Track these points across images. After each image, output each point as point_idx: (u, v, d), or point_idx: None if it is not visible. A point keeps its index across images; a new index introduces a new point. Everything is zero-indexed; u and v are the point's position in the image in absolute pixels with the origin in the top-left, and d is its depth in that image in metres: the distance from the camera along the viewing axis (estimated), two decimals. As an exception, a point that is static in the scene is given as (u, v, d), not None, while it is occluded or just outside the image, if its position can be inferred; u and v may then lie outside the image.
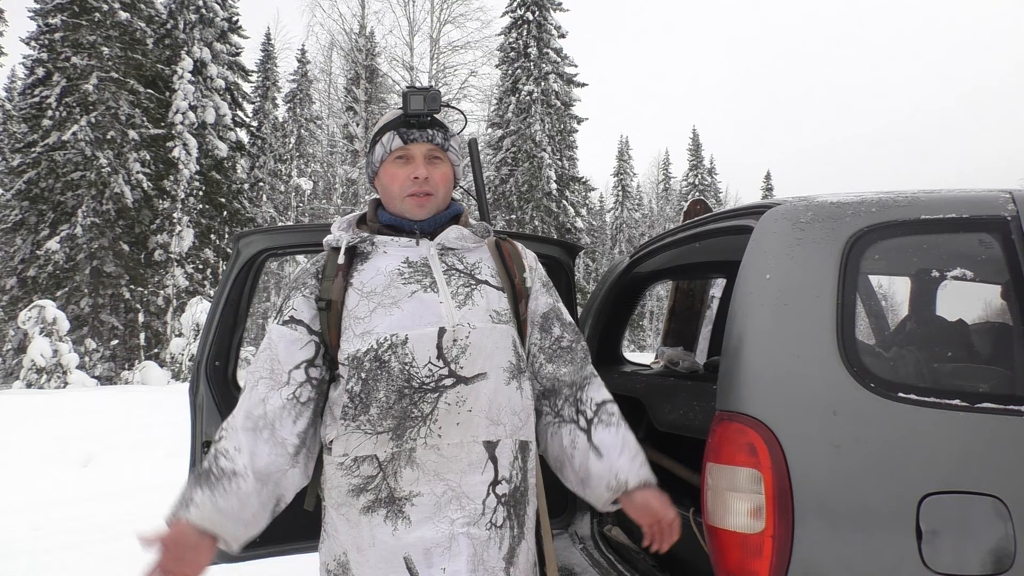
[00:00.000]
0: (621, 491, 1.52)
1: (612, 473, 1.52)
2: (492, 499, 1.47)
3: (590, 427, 1.56)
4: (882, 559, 1.34)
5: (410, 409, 1.43)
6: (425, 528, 1.41)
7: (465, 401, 1.45)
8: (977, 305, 2.04)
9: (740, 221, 1.79)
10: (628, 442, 1.56)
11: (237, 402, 1.51)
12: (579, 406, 1.59)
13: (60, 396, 11.10)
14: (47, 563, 4.27)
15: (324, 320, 1.51)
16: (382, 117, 1.65)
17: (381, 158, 1.60)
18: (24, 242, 20.36)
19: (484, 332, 1.49)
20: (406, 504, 1.42)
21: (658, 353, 3.75)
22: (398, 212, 1.59)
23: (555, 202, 28.40)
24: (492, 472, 1.47)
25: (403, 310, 1.47)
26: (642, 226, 51.00)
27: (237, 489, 1.40)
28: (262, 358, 1.51)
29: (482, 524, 1.45)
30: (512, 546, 1.49)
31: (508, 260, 1.66)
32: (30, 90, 21.07)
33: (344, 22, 27.11)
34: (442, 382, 1.44)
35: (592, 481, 1.54)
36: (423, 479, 1.43)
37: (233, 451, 1.43)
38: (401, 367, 1.43)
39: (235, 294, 2.33)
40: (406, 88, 1.58)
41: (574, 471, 1.57)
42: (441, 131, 1.62)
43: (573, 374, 1.63)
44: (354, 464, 1.45)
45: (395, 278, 1.50)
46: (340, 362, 1.49)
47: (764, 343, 1.47)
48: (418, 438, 1.43)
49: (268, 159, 30.04)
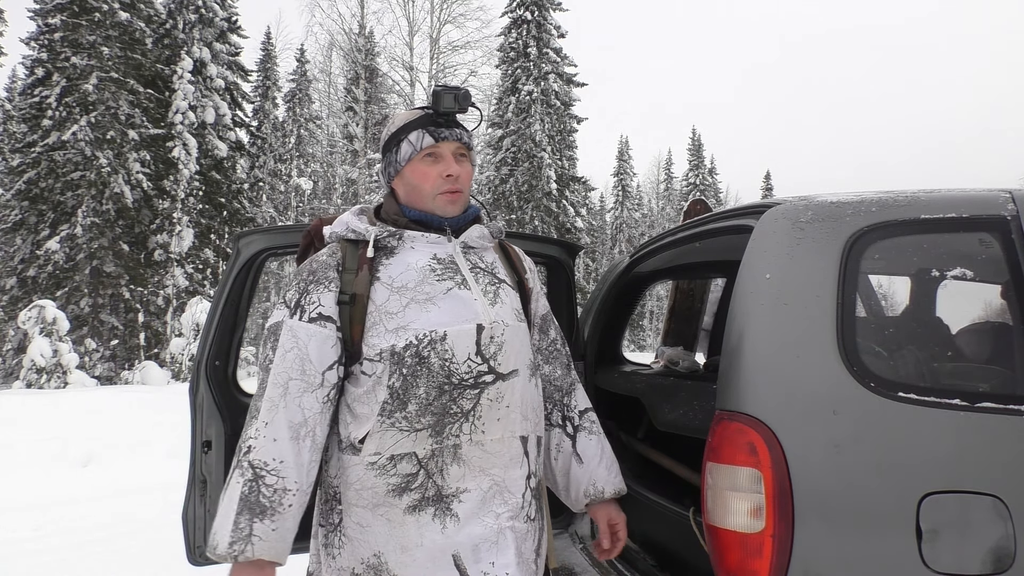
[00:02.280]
0: (599, 499, 1.67)
1: (590, 481, 1.66)
2: (528, 493, 1.52)
3: (576, 434, 1.70)
4: (882, 559, 1.34)
5: (449, 405, 1.43)
6: (473, 524, 1.43)
7: (503, 397, 1.48)
8: (977, 305, 2.04)
9: (740, 221, 1.79)
10: (606, 452, 1.71)
11: (249, 402, 1.47)
12: (566, 412, 1.72)
13: (60, 396, 11.09)
14: (47, 563, 4.27)
15: (346, 314, 1.48)
16: (398, 116, 1.63)
17: (409, 156, 1.57)
18: (24, 242, 20.36)
19: (514, 330, 1.53)
20: (454, 501, 1.42)
21: (658, 353, 3.75)
22: (428, 209, 1.57)
23: (555, 202, 28.39)
24: (527, 466, 1.53)
25: (439, 307, 1.46)
26: (642, 226, 50.97)
27: (291, 507, 1.37)
28: (290, 358, 1.43)
29: (522, 517, 1.50)
30: (539, 537, 1.56)
31: (515, 261, 1.70)
32: (30, 90, 21.07)
33: (344, 22, 27.08)
34: (482, 378, 1.46)
35: (571, 486, 1.68)
36: (469, 475, 1.44)
37: (277, 464, 1.37)
38: (441, 363, 1.43)
39: (235, 294, 2.33)
40: (436, 87, 1.57)
41: (554, 473, 1.70)
42: (465, 130, 1.63)
43: (562, 378, 1.74)
44: (390, 463, 1.42)
45: (428, 274, 1.49)
46: (367, 357, 1.46)
47: (764, 343, 1.47)
48: (461, 434, 1.43)
49: (268, 159, 30.03)
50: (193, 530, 2.24)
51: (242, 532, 1.33)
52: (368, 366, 1.46)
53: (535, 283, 1.73)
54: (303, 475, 1.39)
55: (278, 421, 1.39)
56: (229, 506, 1.35)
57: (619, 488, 1.69)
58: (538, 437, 1.58)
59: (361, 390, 1.47)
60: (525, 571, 1.47)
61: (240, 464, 1.38)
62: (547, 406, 1.70)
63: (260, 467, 1.36)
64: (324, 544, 1.51)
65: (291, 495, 1.37)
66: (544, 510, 1.63)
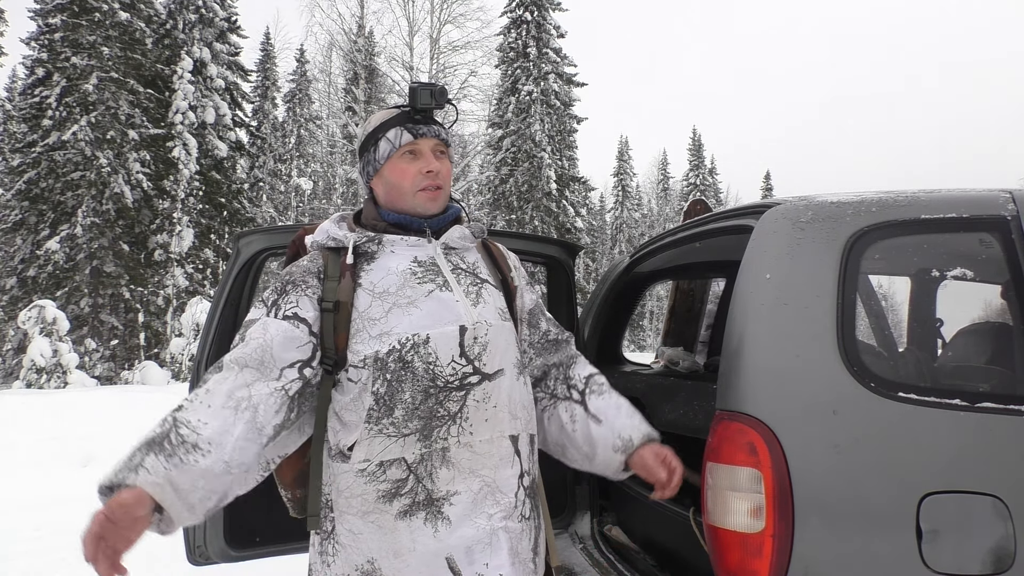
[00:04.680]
0: (629, 450, 1.56)
1: (615, 434, 1.57)
2: (521, 492, 1.50)
3: (584, 398, 1.63)
4: (882, 559, 1.34)
5: (436, 409, 1.42)
6: (465, 527, 1.41)
7: (490, 397, 1.46)
8: (977, 305, 2.04)
9: (740, 221, 1.79)
10: (622, 404, 1.63)
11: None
12: (569, 382, 1.67)
13: (60, 396, 11.09)
14: (47, 563, 4.27)
15: (330, 322, 1.46)
16: (374, 116, 1.63)
17: (387, 154, 1.57)
18: (24, 242, 20.36)
19: (498, 329, 1.51)
20: (444, 504, 1.41)
21: (658, 353, 3.75)
22: (408, 208, 1.57)
23: (555, 202, 28.38)
24: (519, 465, 1.50)
25: (421, 310, 1.45)
26: (642, 226, 50.96)
27: (194, 464, 1.27)
28: (253, 345, 1.41)
29: (515, 517, 1.47)
30: (536, 536, 1.54)
31: (498, 260, 1.69)
32: (30, 90, 21.08)
33: (343, 22, 27.06)
34: (467, 380, 1.44)
35: (598, 448, 1.59)
36: (459, 477, 1.42)
37: (197, 423, 1.31)
38: (425, 367, 1.42)
39: (235, 294, 2.33)
40: (413, 84, 1.57)
41: (577, 446, 1.62)
42: (443, 127, 1.63)
43: (560, 356, 1.71)
44: (379, 469, 1.41)
45: (408, 278, 1.48)
46: (353, 365, 1.45)
47: (764, 343, 1.47)
48: (449, 437, 1.42)
49: (268, 159, 30.04)
50: (193, 530, 2.24)
51: (132, 463, 1.25)
52: (354, 373, 1.45)
53: (520, 280, 1.71)
54: (226, 446, 1.30)
55: (218, 391, 1.36)
56: (131, 448, 1.29)
57: (647, 432, 1.58)
58: (531, 435, 1.56)
59: (348, 398, 1.46)
60: (522, 571, 1.47)
61: (164, 418, 1.33)
62: (548, 385, 1.68)
63: (181, 422, 1.31)
64: (320, 552, 1.50)
65: (199, 452, 1.27)
66: (541, 508, 1.60)
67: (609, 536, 2.59)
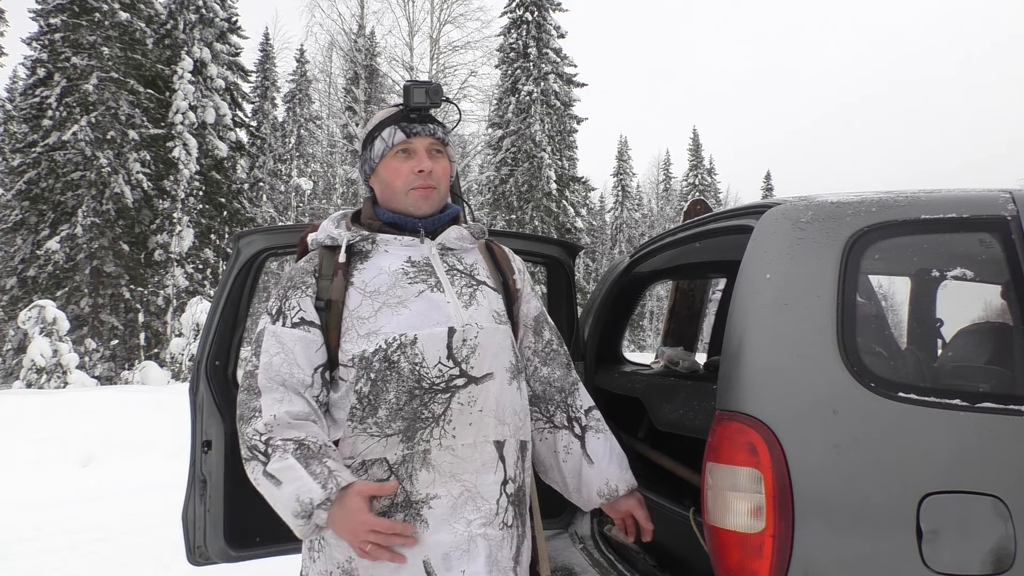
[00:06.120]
0: (613, 498, 1.63)
1: (603, 480, 1.63)
2: (504, 499, 1.48)
3: (584, 434, 1.66)
4: (882, 559, 1.34)
5: (420, 410, 1.41)
6: (443, 531, 1.40)
7: (476, 401, 1.45)
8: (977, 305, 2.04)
9: (740, 221, 1.79)
10: (615, 450, 1.68)
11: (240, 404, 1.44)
12: (571, 412, 1.68)
13: (60, 396, 11.09)
14: (47, 563, 4.27)
15: (323, 320, 1.47)
16: (375, 115, 1.64)
17: (382, 153, 1.57)
18: (24, 242, 20.37)
19: (490, 332, 1.50)
20: (423, 507, 1.41)
21: (658, 353, 3.75)
22: (401, 208, 1.57)
23: (555, 202, 28.39)
24: (502, 472, 1.49)
25: (411, 310, 1.45)
26: (642, 226, 50.95)
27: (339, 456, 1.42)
28: (276, 362, 1.43)
29: (496, 524, 1.46)
30: (518, 545, 1.52)
31: (500, 262, 1.68)
32: (31, 90, 21.08)
33: (343, 22, 27.11)
34: (453, 382, 1.43)
35: (583, 486, 1.64)
36: (439, 481, 1.42)
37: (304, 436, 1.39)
38: (411, 368, 1.42)
39: (235, 294, 2.33)
40: (407, 82, 1.57)
41: (563, 475, 1.67)
42: (440, 126, 1.62)
43: (562, 379, 1.70)
44: (362, 468, 1.42)
45: (400, 277, 1.48)
46: (342, 363, 1.47)
47: (764, 343, 1.46)
48: (431, 439, 1.41)
49: (268, 159, 30.04)
50: (193, 530, 2.24)
51: (323, 475, 1.34)
52: (343, 371, 1.46)
53: (524, 284, 1.70)
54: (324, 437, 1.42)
55: (282, 415, 1.40)
56: (293, 474, 1.35)
57: (631, 483, 1.68)
58: (520, 442, 1.54)
59: (337, 395, 1.47)
60: None
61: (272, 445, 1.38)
62: (549, 408, 1.68)
63: (294, 439, 1.38)
64: (308, 548, 1.51)
65: (331, 448, 1.40)
66: (527, 516, 1.58)
67: (609, 536, 2.59)
